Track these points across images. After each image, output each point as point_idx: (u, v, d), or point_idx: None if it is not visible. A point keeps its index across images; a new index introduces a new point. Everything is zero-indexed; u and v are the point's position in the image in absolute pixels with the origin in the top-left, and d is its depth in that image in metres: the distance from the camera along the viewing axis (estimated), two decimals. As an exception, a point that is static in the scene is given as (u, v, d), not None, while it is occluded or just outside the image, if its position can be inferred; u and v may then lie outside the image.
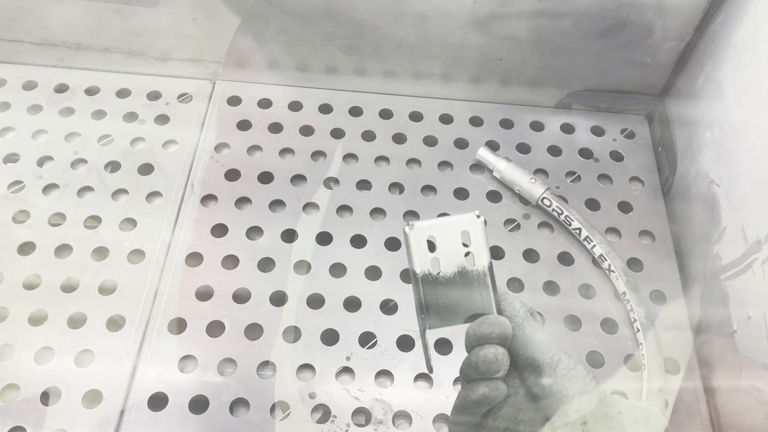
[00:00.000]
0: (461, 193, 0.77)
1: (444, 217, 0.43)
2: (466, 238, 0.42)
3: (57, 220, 0.72)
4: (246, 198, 0.75)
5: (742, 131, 0.64)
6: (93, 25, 0.79)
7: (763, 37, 0.62)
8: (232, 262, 0.70)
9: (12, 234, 0.71)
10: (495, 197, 0.77)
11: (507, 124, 0.83)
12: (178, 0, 0.76)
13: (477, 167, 0.79)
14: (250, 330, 0.66)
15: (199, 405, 0.62)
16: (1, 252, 0.70)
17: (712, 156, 0.68)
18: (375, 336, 0.66)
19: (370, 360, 0.65)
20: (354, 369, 0.64)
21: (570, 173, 0.78)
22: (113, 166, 0.77)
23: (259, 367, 0.64)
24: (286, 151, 0.79)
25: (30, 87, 0.83)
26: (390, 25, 0.76)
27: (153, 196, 0.75)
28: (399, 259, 0.71)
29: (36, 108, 0.81)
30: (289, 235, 0.72)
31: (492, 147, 0.79)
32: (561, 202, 0.73)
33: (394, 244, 0.72)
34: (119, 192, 0.75)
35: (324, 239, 0.72)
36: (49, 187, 0.75)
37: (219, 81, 0.84)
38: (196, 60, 0.82)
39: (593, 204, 0.76)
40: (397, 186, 0.77)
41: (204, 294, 0.68)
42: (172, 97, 0.82)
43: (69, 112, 0.81)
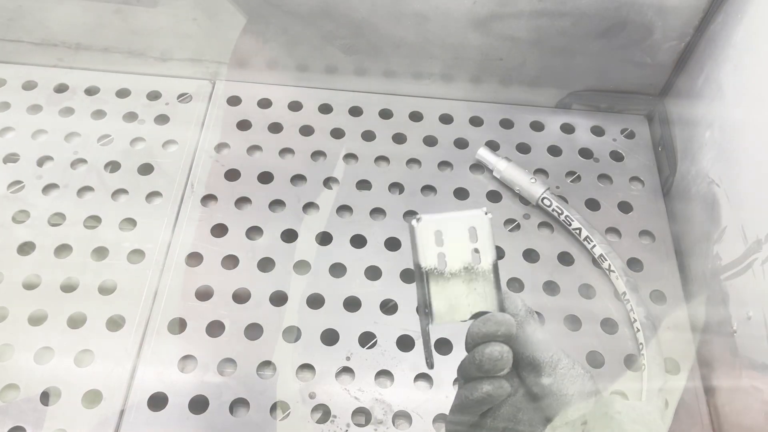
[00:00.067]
0: (461, 193, 0.77)
1: (451, 213, 0.42)
2: (472, 234, 0.42)
3: (57, 220, 0.72)
4: (246, 198, 0.75)
5: (742, 131, 0.64)
6: (93, 25, 0.79)
7: (763, 37, 0.62)
8: (232, 262, 0.70)
9: (12, 234, 0.71)
10: (495, 197, 0.77)
11: (507, 124, 0.83)
12: (178, 0, 0.76)
13: (477, 167, 0.79)
14: (250, 330, 0.66)
15: (199, 405, 0.62)
16: (1, 252, 0.70)
17: (712, 156, 0.68)
18: (375, 336, 0.66)
19: (370, 360, 0.65)
20: (354, 369, 0.64)
21: (570, 173, 0.78)
22: (113, 166, 0.77)
23: (259, 367, 0.64)
24: (286, 151, 0.79)
25: (30, 87, 0.83)
26: (390, 25, 0.76)
27: (153, 196, 0.75)
28: (399, 259, 0.71)
29: (36, 108, 0.81)
30: (289, 235, 0.72)
31: (492, 147, 0.79)
32: (561, 202, 0.73)
33: (394, 244, 0.72)
34: (119, 192, 0.75)
35: (324, 239, 0.72)
36: (49, 187, 0.75)
37: (219, 81, 0.84)
38: (196, 60, 0.82)
39: (593, 204, 0.76)
40: (397, 186, 0.77)
41: (204, 294, 0.68)
42: (172, 97, 0.82)
43: (69, 112, 0.81)
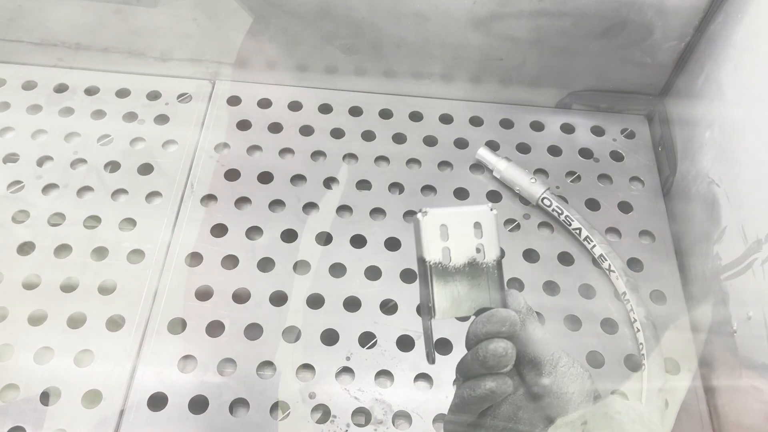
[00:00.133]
0: (461, 193, 0.77)
1: (457, 207, 0.42)
2: (477, 229, 0.42)
3: (56, 220, 0.72)
4: (246, 198, 0.75)
5: (742, 131, 0.64)
6: (93, 25, 0.79)
7: (763, 37, 0.62)
8: (232, 262, 0.70)
9: (12, 234, 0.71)
10: (495, 197, 0.76)
11: (507, 124, 0.83)
12: (178, 0, 0.76)
13: (477, 167, 0.79)
14: (250, 330, 0.66)
15: (199, 405, 0.62)
16: (1, 252, 0.70)
17: (712, 156, 0.68)
18: (375, 336, 0.66)
19: (370, 360, 0.65)
20: (354, 369, 0.64)
21: (570, 173, 0.78)
22: (113, 166, 0.77)
23: (259, 367, 0.64)
24: (286, 151, 0.79)
25: (29, 87, 0.83)
26: (390, 25, 0.76)
27: (153, 196, 0.75)
28: (399, 259, 0.71)
29: (35, 108, 0.81)
30: (289, 235, 0.72)
31: (492, 147, 0.79)
32: (561, 202, 0.73)
33: (394, 244, 0.72)
34: (119, 192, 0.75)
35: (324, 239, 0.72)
36: (49, 187, 0.75)
37: (219, 81, 0.84)
38: (195, 60, 0.82)
39: (593, 204, 0.76)
40: (397, 186, 0.77)
41: (204, 294, 0.68)
42: (171, 97, 0.82)
43: (68, 112, 0.81)
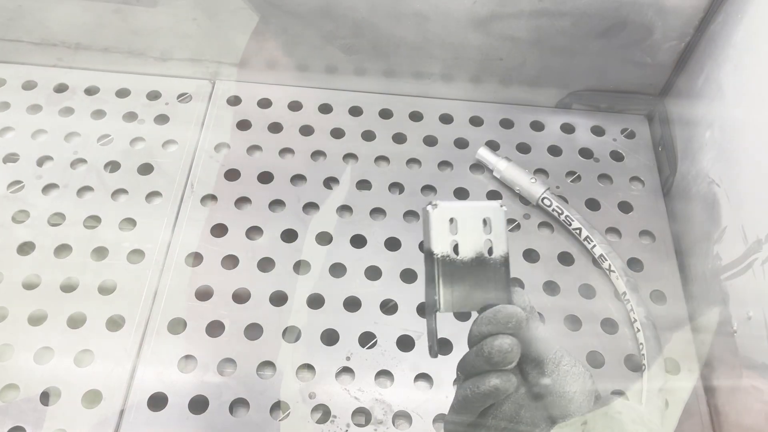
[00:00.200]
0: (461, 193, 0.76)
1: (467, 201, 0.42)
2: (487, 225, 0.42)
3: (56, 220, 0.72)
4: (246, 198, 0.75)
5: (742, 131, 0.64)
6: (92, 25, 0.79)
7: (763, 37, 0.62)
8: (232, 262, 0.70)
9: (12, 234, 0.71)
10: (495, 197, 0.76)
11: (507, 123, 0.83)
12: (178, 0, 0.76)
13: (477, 167, 0.79)
14: (250, 330, 0.66)
15: (199, 405, 0.62)
16: (1, 252, 0.70)
17: (712, 156, 0.68)
18: (375, 336, 0.66)
19: (370, 360, 0.65)
20: (354, 369, 0.64)
21: (570, 173, 0.78)
22: (113, 166, 0.77)
23: (259, 367, 0.64)
24: (286, 151, 0.79)
25: (29, 87, 0.83)
26: (390, 25, 0.76)
27: (153, 196, 0.75)
28: (399, 259, 0.71)
29: (35, 108, 0.81)
30: (289, 235, 0.72)
31: (492, 147, 0.79)
32: (561, 202, 0.73)
33: (394, 244, 0.72)
34: (119, 192, 0.75)
35: (324, 239, 0.72)
36: (49, 187, 0.75)
37: (219, 81, 0.84)
38: (195, 60, 0.82)
39: (593, 204, 0.76)
40: (397, 186, 0.77)
41: (204, 294, 0.68)
42: (171, 97, 0.82)
43: (68, 111, 0.81)
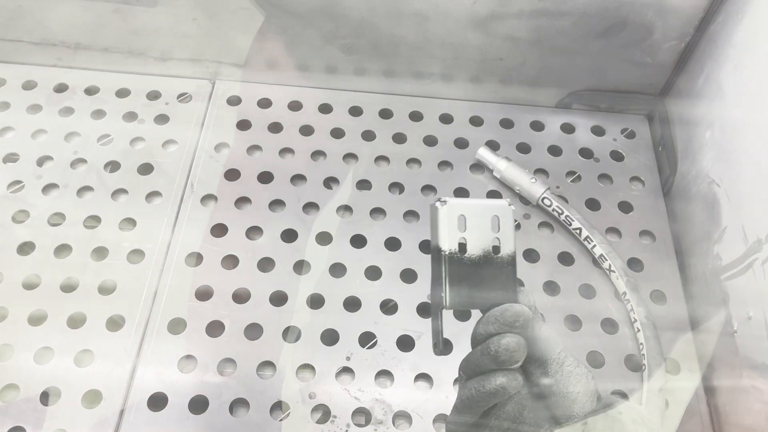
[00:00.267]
0: (461, 193, 0.76)
1: (475, 199, 0.43)
2: (494, 223, 0.42)
3: (56, 219, 0.72)
4: (246, 198, 0.75)
5: (742, 131, 0.64)
6: (92, 25, 0.79)
7: (763, 37, 0.62)
8: (232, 262, 0.70)
9: (12, 234, 0.71)
10: (495, 197, 0.76)
11: (507, 123, 0.83)
12: (178, 0, 0.76)
13: (477, 167, 0.79)
14: (250, 330, 0.66)
15: (199, 405, 0.62)
16: (1, 252, 0.69)
17: (712, 156, 0.68)
18: (375, 336, 0.66)
19: (370, 360, 0.65)
20: (354, 369, 0.64)
21: (570, 173, 0.78)
22: (113, 165, 0.77)
23: (259, 367, 0.64)
24: (286, 151, 0.79)
25: (29, 87, 0.83)
26: (390, 25, 0.76)
27: (152, 196, 0.75)
28: (399, 259, 0.71)
29: (35, 108, 0.81)
30: (289, 235, 0.72)
31: (492, 147, 0.79)
32: (561, 201, 0.73)
33: (394, 244, 0.72)
34: (119, 192, 0.75)
35: (324, 239, 0.72)
36: (49, 187, 0.75)
37: (219, 81, 0.84)
38: (195, 60, 0.82)
39: (593, 204, 0.76)
40: (397, 186, 0.77)
41: (204, 294, 0.68)
42: (171, 97, 0.82)
43: (68, 111, 0.81)
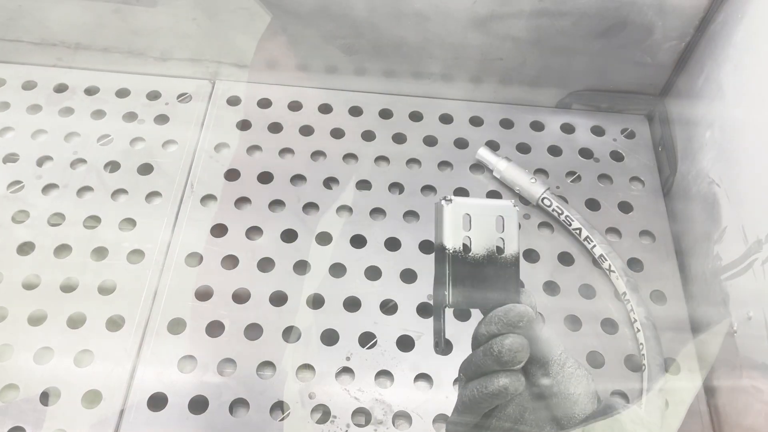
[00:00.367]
0: (461, 194, 0.76)
1: (481, 199, 0.43)
2: (499, 223, 0.42)
3: (56, 220, 0.72)
4: (246, 198, 0.75)
5: (742, 131, 0.64)
6: (92, 25, 0.79)
7: (763, 37, 0.62)
8: (231, 262, 0.70)
9: (11, 234, 0.71)
10: (495, 197, 0.76)
11: (507, 124, 0.83)
12: (178, 0, 0.76)
13: (477, 167, 0.79)
14: (250, 330, 0.66)
15: (199, 405, 0.62)
16: (1, 252, 0.69)
17: (712, 156, 0.68)
18: (375, 336, 0.66)
19: (370, 360, 0.65)
20: (354, 369, 0.64)
21: (570, 173, 0.78)
22: (113, 166, 0.77)
23: (259, 367, 0.64)
24: (286, 151, 0.79)
25: (29, 87, 0.82)
26: (390, 25, 0.76)
27: (152, 196, 0.75)
28: (399, 259, 0.71)
29: (35, 108, 0.81)
30: (289, 235, 0.72)
31: (492, 147, 0.79)
32: (561, 202, 0.73)
33: (394, 244, 0.72)
34: (119, 192, 0.75)
35: (324, 239, 0.72)
36: (49, 187, 0.75)
37: (219, 81, 0.84)
38: (195, 60, 0.82)
39: (593, 204, 0.76)
40: (397, 186, 0.77)
41: (204, 294, 0.68)
42: (171, 97, 0.82)
43: (68, 111, 0.81)
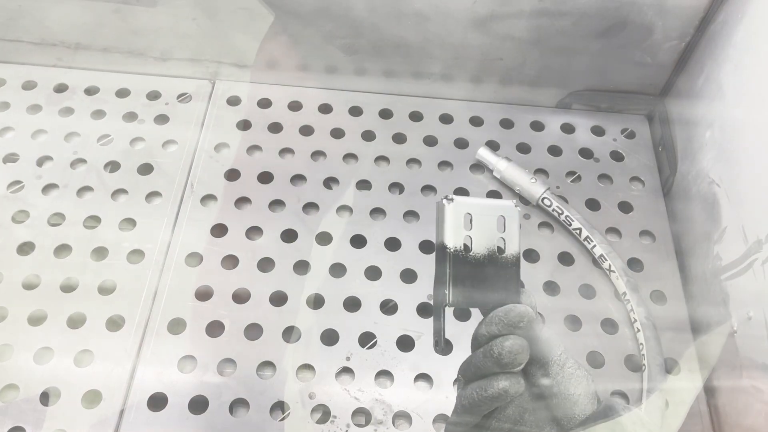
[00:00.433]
0: (462, 193, 0.76)
1: (482, 199, 0.43)
2: (500, 223, 0.42)
3: (56, 220, 0.72)
4: (246, 198, 0.75)
5: (742, 131, 0.64)
6: (92, 25, 0.79)
7: (763, 37, 0.62)
8: (232, 262, 0.70)
9: (11, 234, 0.71)
10: (495, 197, 0.76)
11: (507, 123, 0.83)
12: (178, 0, 0.76)
13: (477, 167, 0.79)
14: (250, 330, 0.66)
15: (199, 405, 0.62)
16: (1, 252, 0.69)
17: (712, 156, 0.68)
18: (375, 336, 0.66)
19: (370, 360, 0.65)
20: (354, 369, 0.64)
21: (570, 173, 0.78)
22: (113, 166, 0.77)
23: (259, 367, 0.64)
24: (286, 151, 0.79)
25: (29, 87, 0.82)
26: (390, 25, 0.76)
27: (152, 196, 0.75)
28: (399, 259, 0.71)
29: (35, 108, 0.81)
30: (289, 235, 0.72)
31: (492, 147, 0.79)
32: (561, 202, 0.73)
33: (394, 244, 0.72)
34: (119, 192, 0.75)
35: (324, 239, 0.72)
36: (49, 187, 0.75)
37: (219, 81, 0.84)
38: (195, 60, 0.82)
39: (593, 204, 0.76)
40: (397, 186, 0.77)
41: (204, 294, 0.68)
42: (171, 97, 0.82)
43: (68, 111, 0.81)
